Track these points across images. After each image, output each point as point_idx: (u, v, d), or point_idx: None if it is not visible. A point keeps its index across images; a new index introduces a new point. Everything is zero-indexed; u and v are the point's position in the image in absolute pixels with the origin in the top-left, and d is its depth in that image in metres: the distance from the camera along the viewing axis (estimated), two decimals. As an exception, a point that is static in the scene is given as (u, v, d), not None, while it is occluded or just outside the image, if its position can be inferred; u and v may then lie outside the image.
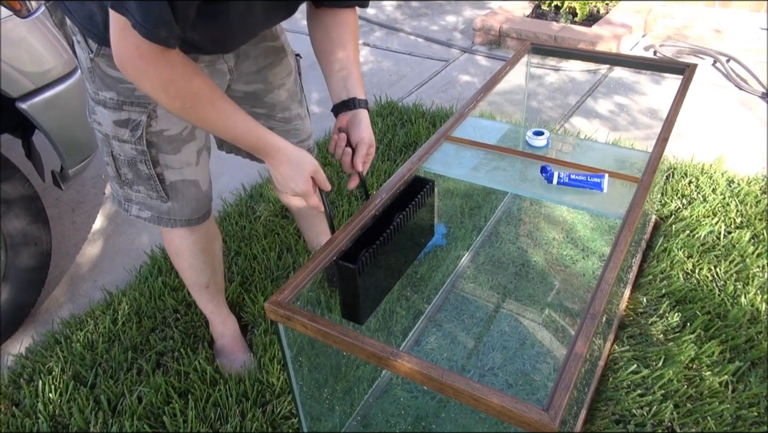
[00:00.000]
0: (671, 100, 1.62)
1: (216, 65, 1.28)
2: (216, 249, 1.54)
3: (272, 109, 1.45)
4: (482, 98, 1.69)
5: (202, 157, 1.36)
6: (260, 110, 1.45)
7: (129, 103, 1.21)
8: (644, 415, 1.45)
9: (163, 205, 1.35)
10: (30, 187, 1.73)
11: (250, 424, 1.48)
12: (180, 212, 1.37)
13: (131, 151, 1.26)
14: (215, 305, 1.62)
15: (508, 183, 1.47)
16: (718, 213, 2.07)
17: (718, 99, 2.90)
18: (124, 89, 1.21)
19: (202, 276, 1.54)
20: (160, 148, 1.27)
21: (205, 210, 1.43)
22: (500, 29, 3.56)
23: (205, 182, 1.39)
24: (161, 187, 1.31)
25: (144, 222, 1.41)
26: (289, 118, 1.49)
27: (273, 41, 1.38)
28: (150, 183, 1.31)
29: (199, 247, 1.47)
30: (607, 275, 1.07)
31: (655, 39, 3.56)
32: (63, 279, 2.07)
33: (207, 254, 1.50)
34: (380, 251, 1.17)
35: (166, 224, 1.38)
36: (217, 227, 2.12)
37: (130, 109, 1.22)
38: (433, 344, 1.69)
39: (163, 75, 1.00)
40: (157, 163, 1.28)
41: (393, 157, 2.51)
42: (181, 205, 1.36)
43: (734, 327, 1.65)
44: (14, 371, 1.69)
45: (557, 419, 0.82)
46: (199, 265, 1.51)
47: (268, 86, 1.41)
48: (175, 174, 1.31)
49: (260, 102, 1.43)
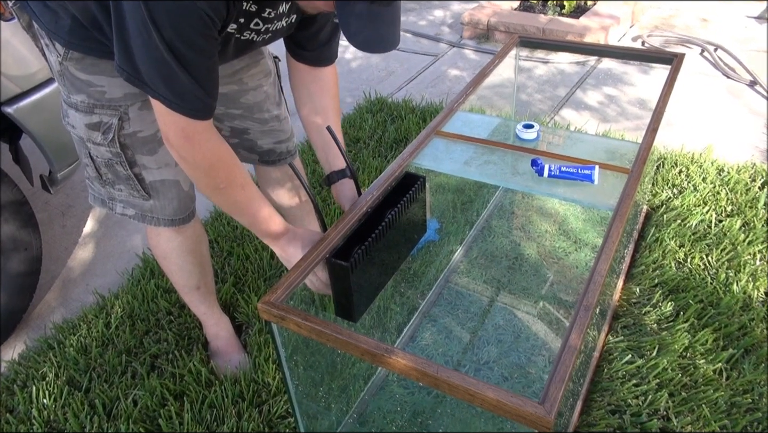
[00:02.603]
0: (660, 90, 1.62)
1: None
2: (204, 250, 1.53)
3: (248, 110, 1.45)
4: (471, 92, 1.69)
5: None
6: (236, 111, 1.44)
7: (100, 106, 1.20)
8: (639, 404, 1.46)
9: (145, 203, 1.33)
10: (18, 192, 1.72)
11: (246, 424, 1.47)
12: (162, 211, 1.35)
13: (106, 153, 1.25)
14: (207, 307, 1.61)
15: (499, 177, 1.47)
16: (709, 202, 2.08)
17: (707, 88, 2.91)
18: (94, 92, 1.19)
19: (191, 278, 1.52)
20: (135, 149, 1.25)
21: (189, 210, 1.40)
22: (488, 23, 3.56)
23: (187, 182, 1.36)
24: (140, 186, 1.30)
25: (134, 223, 1.40)
26: (266, 119, 1.49)
27: None
28: (130, 183, 1.30)
29: (186, 249, 1.46)
30: (599, 266, 1.07)
31: (642, 29, 3.57)
32: (55, 284, 2.05)
33: (195, 255, 1.49)
34: (373, 247, 1.16)
35: (150, 222, 1.37)
36: (207, 227, 2.12)
37: (101, 112, 1.20)
38: (428, 339, 1.69)
39: (207, 156, 1.06)
40: (134, 163, 1.27)
41: (383, 154, 2.51)
42: (162, 204, 1.34)
43: (727, 315, 1.66)
44: (8, 378, 1.67)
45: (553, 411, 0.82)
46: (188, 267, 1.49)
47: (243, 87, 1.41)
48: (154, 174, 1.29)
49: (235, 103, 1.42)
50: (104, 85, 1.18)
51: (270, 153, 1.57)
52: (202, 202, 2.37)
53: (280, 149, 1.57)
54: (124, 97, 1.19)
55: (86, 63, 1.17)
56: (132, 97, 1.20)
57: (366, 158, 2.45)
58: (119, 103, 1.20)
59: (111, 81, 1.18)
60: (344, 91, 3.17)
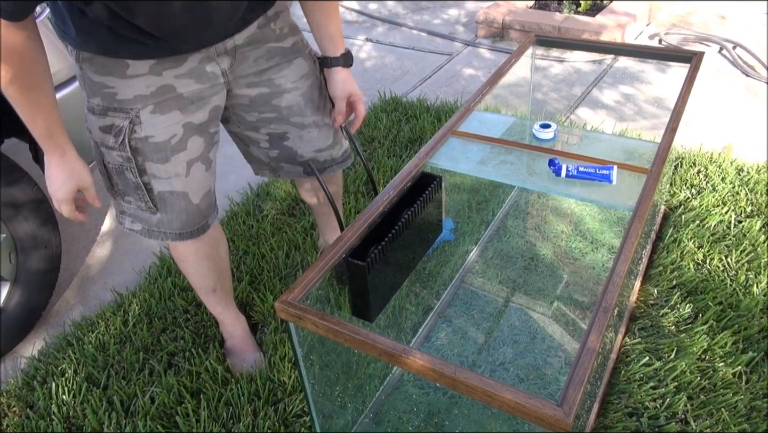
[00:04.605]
0: (677, 88, 1.60)
1: (206, 67, 1.24)
2: (221, 253, 1.51)
3: (283, 112, 1.40)
4: (488, 92, 1.68)
5: (195, 168, 1.30)
6: (270, 114, 1.40)
7: (112, 109, 1.20)
8: (657, 407, 1.44)
9: (152, 217, 1.31)
10: (38, 191, 1.74)
11: (262, 423, 1.48)
12: (169, 225, 1.32)
13: (117, 158, 1.24)
14: (223, 307, 1.62)
15: (515, 177, 1.46)
16: (728, 202, 2.05)
17: (725, 86, 2.88)
18: (106, 94, 1.19)
19: (207, 280, 1.52)
20: (146, 155, 1.24)
21: (198, 225, 1.36)
22: (503, 21, 3.54)
23: (198, 195, 1.32)
24: (149, 197, 1.28)
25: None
26: (305, 124, 1.43)
27: (278, 42, 1.33)
28: (138, 193, 1.28)
29: (202, 253, 1.44)
30: (618, 267, 1.06)
31: (659, 27, 3.53)
32: (73, 281, 2.08)
33: (211, 259, 1.47)
34: (389, 247, 1.16)
35: (157, 237, 1.34)
36: (222, 226, 2.14)
37: (114, 115, 1.20)
38: (443, 339, 1.69)
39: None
40: (143, 171, 1.25)
41: (398, 153, 2.50)
42: (170, 217, 1.31)
43: (747, 317, 1.64)
44: (27, 374, 1.70)
45: (571, 414, 0.82)
46: (204, 270, 1.49)
47: (276, 90, 1.36)
48: (163, 184, 1.27)
49: (268, 106, 1.38)
50: (115, 86, 1.18)
51: (312, 163, 1.51)
52: (218, 202, 2.39)
53: (322, 157, 1.50)
54: (134, 99, 1.19)
55: (97, 64, 1.18)
56: (143, 100, 1.20)
57: (381, 158, 2.45)
58: (130, 106, 1.20)
59: (121, 82, 1.18)
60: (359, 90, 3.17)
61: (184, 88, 1.23)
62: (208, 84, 1.27)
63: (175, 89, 1.22)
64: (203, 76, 1.25)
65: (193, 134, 1.27)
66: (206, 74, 1.25)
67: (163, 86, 1.21)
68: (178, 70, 1.21)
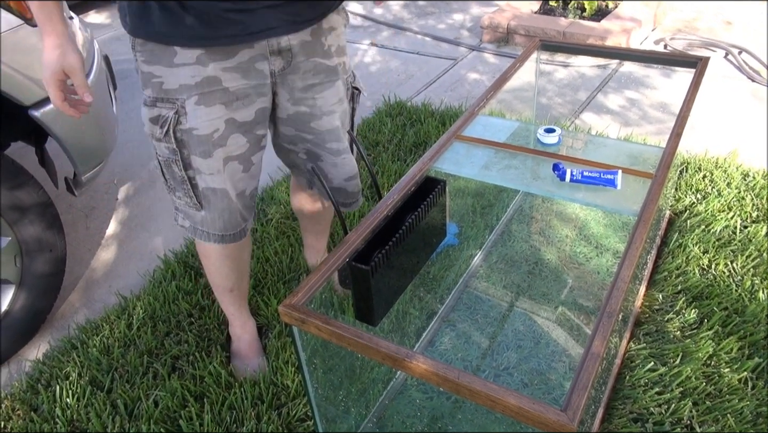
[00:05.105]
0: (682, 93, 1.60)
1: (256, 64, 1.22)
2: (245, 256, 1.51)
3: (320, 137, 1.37)
4: (492, 96, 1.68)
5: (230, 167, 1.28)
6: (308, 135, 1.37)
7: (160, 99, 1.21)
8: (662, 413, 1.43)
9: (197, 214, 1.32)
10: (44, 194, 1.74)
11: (265, 427, 1.48)
12: (212, 225, 1.33)
13: (165, 150, 1.25)
14: (237, 308, 1.62)
15: (519, 181, 1.46)
16: (734, 207, 2.04)
17: (731, 91, 2.87)
18: (155, 84, 1.20)
19: (227, 281, 1.52)
20: (191, 149, 1.24)
21: (239, 228, 1.36)
22: (508, 26, 3.55)
23: (234, 193, 1.31)
24: (193, 193, 1.28)
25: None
26: (339, 151, 1.40)
27: (324, 59, 1.31)
28: (184, 187, 1.28)
29: (227, 253, 1.44)
30: (623, 272, 1.06)
31: (665, 32, 3.53)
32: (78, 285, 2.08)
33: (235, 260, 1.48)
34: (393, 251, 1.16)
35: (200, 236, 1.34)
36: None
37: (162, 105, 1.21)
38: (447, 344, 1.68)
39: None
40: (189, 165, 1.25)
41: (403, 157, 2.50)
42: (213, 216, 1.32)
43: (752, 323, 1.63)
44: (32, 377, 1.70)
45: (576, 419, 0.81)
46: (226, 270, 1.49)
47: (316, 111, 1.34)
48: (206, 180, 1.27)
49: (307, 127, 1.36)
50: (162, 75, 1.19)
51: (340, 192, 1.48)
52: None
53: (351, 189, 1.48)
54: (179, 89, 1.19)
55: (147, 52, 1.19)
56: (187, 90, 1.19)
57: (385, 162, 2.45)
58: (176, 96, 1.20)
59: (168, 71, 1.19)
60: (363, 94, 3.18)
61: (230, 83, 1.21)
62: (255, 82, 1.24)
63: (221, 82, 1.21)
64: (251, 73, 1.23)
65: (235, 132, 1.26)
66: (254, 71, 1.23)
67: (208, 77, 1.19)
68: (225, 63, 1.19)
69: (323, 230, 1.80)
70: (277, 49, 1.23)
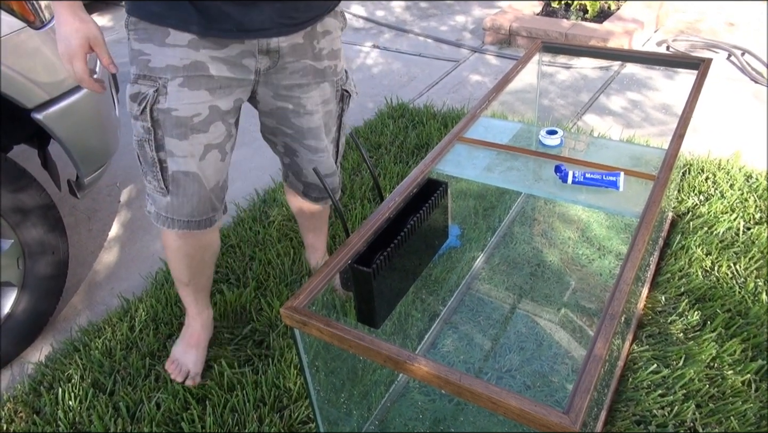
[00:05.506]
0: (685, 95, 1.60)
1: (243, 60, 1.24)
2: (206, 257, 1.49)
3: (301, 133, 1.41)
4: (494, 98, 1.68)
5: (212, 155, 1.29)
6: (288, 130, 1.41)
7: (143, 76, 1.21)
8: (665, 415, 1.43)
9: (162, 199, 1.30)
10: (46, 197, 1.75)
11: (267, 429, 1.48)
12: (179, 210, 1.30)
13: (140, 129, 1.24)
14: (191, 300, 1.61)
15: (521, 183, 1.46)
16: (737, 209, 2.04)
17: (733, 93, 2.86)
18: (141, 61, 1.20)
19: (182, 275, 1.51)
20: (166, 129, 1.23)
21: (206, 216, 1.35)
22: (510, 28, 3.55)
23: (210, 182, 1.31)
24: (161, 176, 1.27)
25: (158, 228, 1.39)
26: (317, 149, 1.45)
27: (314, 61, 1.33)
28: (153, 170, 1.27)
29: (184, 251, 1.43)
30: (625, 274, 1.06)
31: (667, 34, 3.53)
32: (80, 287, 2.08)
33: (192, 259, 1.46)
34: (395, 253, 1.16)
35: (164, 222, 1.33)
36: (229, 232, 2.14)
37: (143, 82, 1.21)
38: (449, 346, 1.68)
39: None
40: (161, 147, 1.24)
41: (405, 159, 2.50)
42: (180, 201, 1.30)
43: (756, 325, 1.62)
44: (34, 379, 1.70)
45: (578, 421, 0.81)
46: (181, 266, 1.48)
47: (299, 109, 1.37)
48: (178, 163, 1.26)
49: (288, 122, 1.39)
50: (150, 54, 1.19)
51: (313, 188, 1.55)
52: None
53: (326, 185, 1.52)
54: (165, 68, 1.19)
55: (140, 29, 1.19)
56: (173, 71, 1.19)
57: (387, 164, 2.45)
58: (160, 75, 1.20)
59: (157, 50, 1.19)
60: (366, 96, 3.18)
61: (216, 71, 1.22)
62: (239, 75, 1.26)
63: (208, 69, 1.21)
64: (237, 67, 1.24)
65: (217, 119, 1.27)
66: (240, 66, 1.25)
67: (196, 62, 1.20)
68: (215, 53, 1.21)
69: (321, 227, 1.80)
70: (266, 49, 1.25)
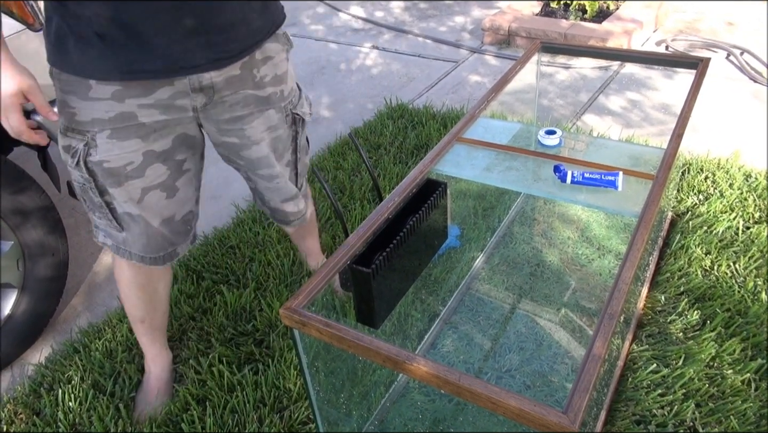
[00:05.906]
0: (684, 94, 1.60)
1: (176, 101, 1.19)
2: (159, 289, 1.48)
3: (251, 164, 1.38)
4: (493, 98, 1.69)
5: (151, 195, 1.25)
6: (239, 162, 1.38)
7: (71, 129, 1.18)
8: (665, 415, 1.43)
9: (119, 234, 1.30)
10: (46, 198, 1.75)
11: (267, 430, 1.48)
12: (134, 245, 1.30)
13: (79, 177, 1.22)
14: (148, 340, 1.57)
15: (521, 183, 1.46)
16: (736, 208, 2.04)
17: (732, 92, 2.86)
18: (68, 114, 1.17)
19: (135, 310, 1.49)
20: (102, 178, 1.21)
21: (164, 252, 1.34)
22: (509, 28, 3.55)
23: (155, 221, 1.29)
24: (112, 216, 1.26)
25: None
26: (272, 176, 1.41)
27: (256, 90, 1.27)
28: (102, 211, 1.27)
29: (137, 283, 1.42)
30: (624, 273, 1.06)
31: (666, 33, 3.53)
32: (80, 288, 2.09)
33: (144, 291, 1.44)
34: (394, 254, 1.16)
35: (124, 255, 1.32)
36: (229, 233, 2.14)
37: (72, 135, 1.18)
38: (449, 346, 1.68)
39: None
40: (104, 192, 1.23)
41: (404, 160, 2.51)
42: (133, 237, 1.30)
43: (755, 324, 1.63)
44: (34, 381, 1.70)
45: (577, 421, 0.81)
46: (134, 300, 1.46)
47: (245, 141, 1.32)
48: (121, 206, 1.26)
49: (237, 155, 1.36)
50: (75, 107, 1.16)
51: (278, 212, 1.51)
52: (225, 210, 2.40)
53: (289, 209, 1.50)
54: (92, 122, 1.16)
55: (64, 80, 1.16)
56: (100, 123, 1.16)
57: (387, 164, 2.46)
58: (87, 129, 1.16)
59: (82, 104, 1.15)
60: (365, 97, 3.19)
61: (146, 118, 1.18)
62: (175, 116, 1.21)
63: (137, 117, 1.17)
64: (170, 108, 1.20)
65: (154, 162, 1.23)
66: (174, 107, 1.20)
67: (123, 113, 1.16)
68: (143, 100, 1.16)
69: (309, 234, 1.77)
70: (198, 87, 1.19)
